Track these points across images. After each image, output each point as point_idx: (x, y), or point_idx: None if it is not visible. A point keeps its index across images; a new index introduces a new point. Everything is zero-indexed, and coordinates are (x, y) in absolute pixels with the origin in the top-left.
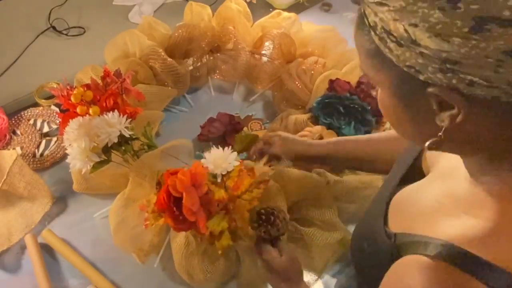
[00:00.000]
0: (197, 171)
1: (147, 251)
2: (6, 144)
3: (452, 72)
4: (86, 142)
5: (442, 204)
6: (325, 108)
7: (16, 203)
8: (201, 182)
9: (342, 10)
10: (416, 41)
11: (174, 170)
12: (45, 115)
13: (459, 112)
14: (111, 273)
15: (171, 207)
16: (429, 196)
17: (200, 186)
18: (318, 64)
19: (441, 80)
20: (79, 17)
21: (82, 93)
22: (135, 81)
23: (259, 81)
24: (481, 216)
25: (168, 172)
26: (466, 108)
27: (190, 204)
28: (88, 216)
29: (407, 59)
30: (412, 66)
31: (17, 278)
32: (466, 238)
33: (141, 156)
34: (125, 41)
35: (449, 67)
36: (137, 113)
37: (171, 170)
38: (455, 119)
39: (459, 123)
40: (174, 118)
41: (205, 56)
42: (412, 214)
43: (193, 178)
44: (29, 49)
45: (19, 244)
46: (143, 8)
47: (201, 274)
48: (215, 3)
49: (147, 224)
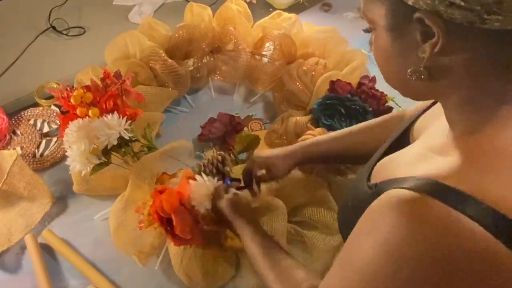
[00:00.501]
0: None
1: (147, 253)
2: (6, 144)
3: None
4: (85, 144)
5: (421, 155)
6: (326, 110)
7: (16, 203)
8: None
9: (342, 10)
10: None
11: (161, 188)
12: (45, 115)
13: (438, 39)
14: (111, 274)
15: (164, 225)
16: (411, 152)
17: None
18: (319, 65)
19: (425, 2)
20: (79, 17)
21: (82, 94)
22: (135, 82)
23: (259, 82)
24: (456, 154)
25: (156, 190)
26: (444, 35)
27: (182, 227)
28: (88, 217)
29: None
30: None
31: (17, 278)
32: (441, 173)
33: (141, 158)
34: (126, 42)
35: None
36: (137, 114)
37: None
38: (434, 48)
39: (438, 54)
40: (174, 119)
41: (205, 57)
42: (393, 168)
43: (182, 197)
44: (29, 49)
45: (19, 244)
46: (143, 8)
47: (200, 277)
48: (215, 3)
49: (141, 226)
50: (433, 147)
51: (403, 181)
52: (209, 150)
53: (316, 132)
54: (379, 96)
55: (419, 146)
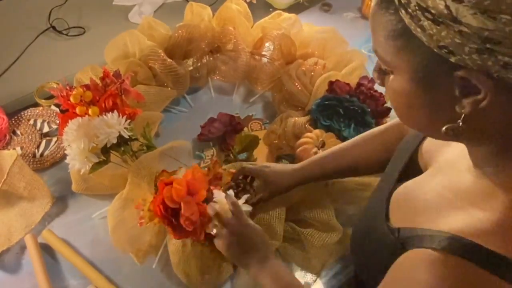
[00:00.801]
0: (193, 178)
1: (145, 252)
2: (6, 144)
3: (489, 53)
4: (85, 143)
5: (444, 197)
6: (325, 110)
7: (16, 203)
8: (199, 189)
9: (342, 10)
10: (457, 18)
11: (168, 180)
12: (45, 115)
13: (484, 97)
14: (111, 273)
15: (169, 218)
16: (430, 190)
17: (197, 193)
18: (318, 66)
19: (474, 62)
20: (79, 17)
21: (82, 93)
22: (135, 82)
23: (259, 82)
24: (488, 208)
25: (163, 182)
26: (492, 94)
27: (189, 214)
28: (88, 216)
29: (441, 38)
30: (446, 46)
31: (17, 278)
32: (474, 231)
33: (140, 157)
34: (125, 41)
35: (488, 47)
36: (136, 114)
37: (165, 179)
38: (478, 105)
39: (480, 110)
40: (174, 119)
41: (205, 56)
42: (414, 209)
43: (190, 186)
44: (29, 49)
45: (19, 244)
46: (143, 8)
47: (198, 276)
48: (215, 3)
49: (142, 222)
50: (460, 191)
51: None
52: (209, 150)
53: (314, 134)
54: (378, 97)
55: (439, 184)
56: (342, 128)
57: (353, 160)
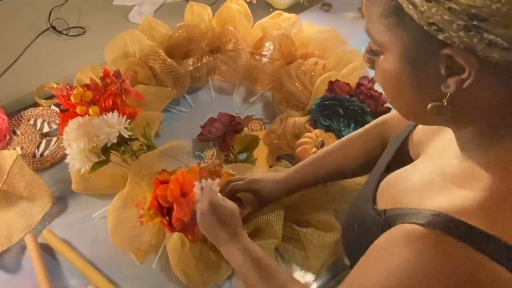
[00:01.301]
0: (184, 180)
1: (145, 251)
2: (6, 144)
3: (476, 30)
4: (85, 142)
5: (431, 180)
6: (324, 110)
7: (16, 203)
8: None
9: (342, 10)
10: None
11: (164, 179)
12: (45, 115)
13: (469, 76)
14: (111, 273)
15: (163, 214)
16: (418, 174)
17: (189, 194)
18: (318, 65)
19: (461, 39)
20: (79, 17)
21: (82, 93)
22: (135, 82)
23: (259, 82)
24: (472, 188)
25: (158, 180)
26: (477, 73)
27: (181, 216)
28: (88, 216)
29: (431, 15)
30: (435, 23)
31: (17, 278)
32: (458, 208)
33: (140, 156)
34: (125, 41)
35: (475, 24)
36: (136, 113)
37: (161, 177)
38: (462, 84)
39: (464, 89)
40: (174, 119)
41: (205, 56)
42: (401, 191)
43: (182, 187)
44: (29, 49)
45: (19, 244)
46: (143, 8)
47: (198, 275)
48: (215, 3)
49: (142, 221)
50: (446, 174)
51: (417, 215)
52: (209, 150)
53: (313, 134)
54: (378, 97)
55: (426, 169)
56: (342, 128)
57: (333, 166)
